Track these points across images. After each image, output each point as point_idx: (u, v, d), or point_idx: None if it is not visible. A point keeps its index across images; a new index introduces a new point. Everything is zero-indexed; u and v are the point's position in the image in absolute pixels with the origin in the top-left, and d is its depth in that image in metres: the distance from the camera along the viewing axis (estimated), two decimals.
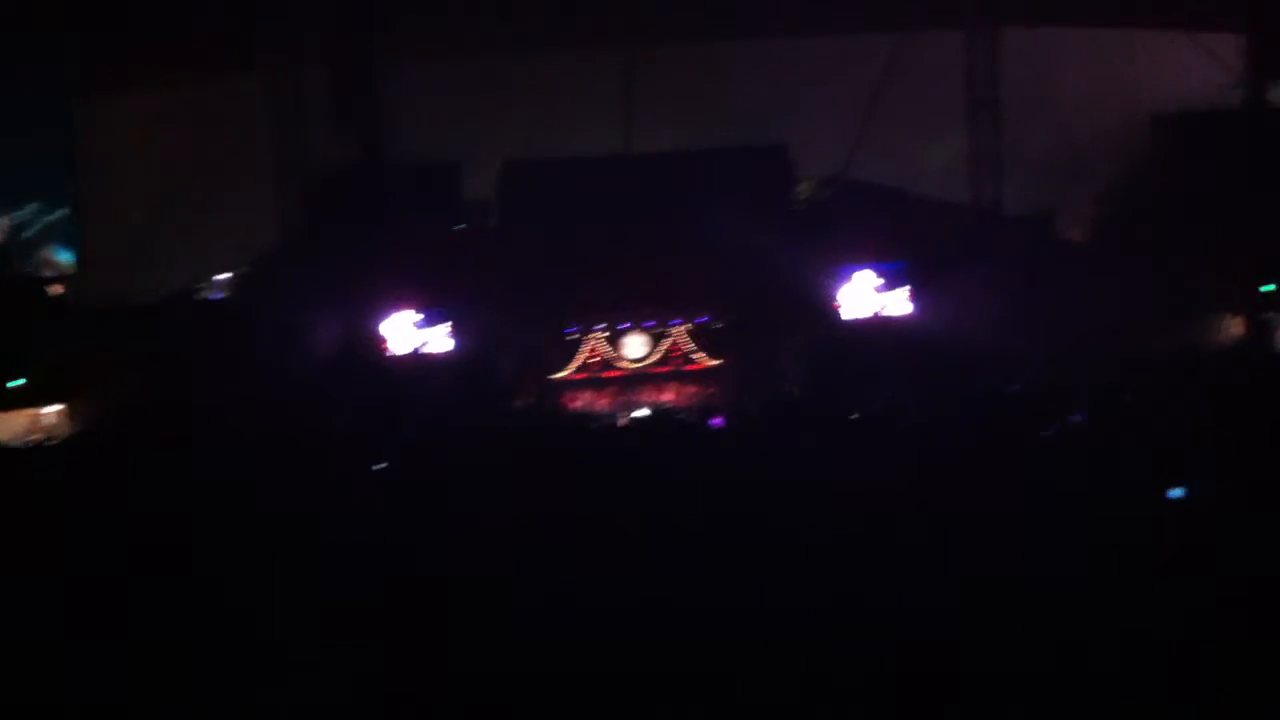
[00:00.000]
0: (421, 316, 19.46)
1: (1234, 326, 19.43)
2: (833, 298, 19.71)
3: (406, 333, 19.41)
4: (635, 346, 20.11)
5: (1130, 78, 20.40)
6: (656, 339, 20.12)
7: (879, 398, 14.01)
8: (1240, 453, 8.33)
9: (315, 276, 18.98)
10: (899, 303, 19.75)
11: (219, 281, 21.14)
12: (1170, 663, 6.03)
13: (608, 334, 20.05)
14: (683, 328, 20.07)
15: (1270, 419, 9.23)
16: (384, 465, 12.05)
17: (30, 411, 18.43)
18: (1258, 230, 18.64)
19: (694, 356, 20.09)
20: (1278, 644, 5.83)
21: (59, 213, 20.15)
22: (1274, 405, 9.95)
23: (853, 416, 11.94)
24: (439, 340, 19.39)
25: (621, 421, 16.65)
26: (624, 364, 20.09)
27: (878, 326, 19.64)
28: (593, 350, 20.02)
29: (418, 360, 19.19)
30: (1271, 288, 19.22)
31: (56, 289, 20.16)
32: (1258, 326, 19.22)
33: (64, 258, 20.26)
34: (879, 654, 6.51)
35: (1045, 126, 20.53)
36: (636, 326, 20.12)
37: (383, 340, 19.33)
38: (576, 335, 19.98)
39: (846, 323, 19.66)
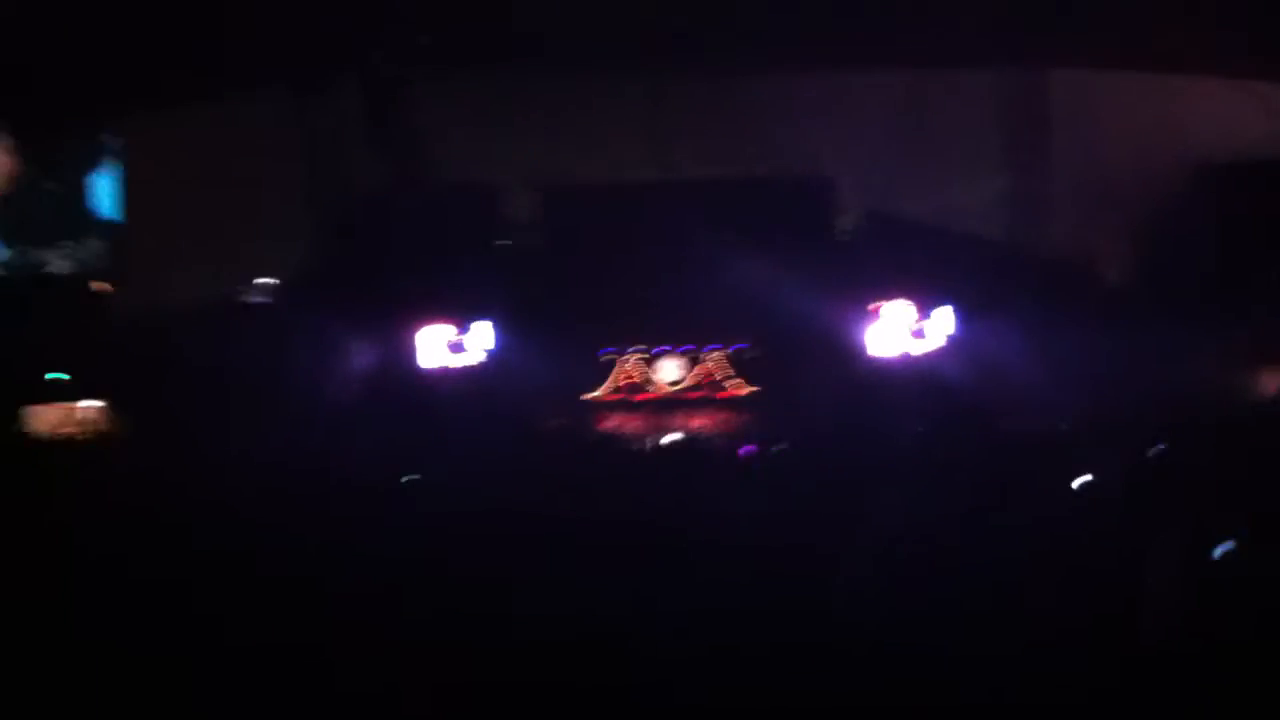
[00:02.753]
0: (457, 331, 19.55)
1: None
2: (866, 332, 19.63)
3: (440, 346, 19.50)
4: (669, 370, 20.08)
5: (1176, 124, 20.25)
6: (691, 363, 20.11)
7: (908, 434, 13.93)
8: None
9: (351, 285, 19.14)
10: (933, 340, 19.64)
11: (258, 286, 21.31)
12: None
13: (642, 356, 20.07)
14: (718, 353, 20.05)
15: None
16: (414, 476, 12.13)
17: (67, 405, 18.57)
18: None
19: (727, 383, 20.06)
20: None
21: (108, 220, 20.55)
22: None
23: (880, 452, 11.91)
24: (473, 355, 19.48)
25: (652, 445, 16.62)
26: (657, 387, 20.08)
27: (910, 363, 19.53)
28: (626, 372, 20.04)
29: (449, 374, 19.28)
30: None
31: (103, 287, 20.37)
32: None
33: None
34: (886, 689, 6.52)
35: (1087, 170, 20.43)
36: (672, 350, 20.13)
37: (416, 352, 19.43)
38: (611, 356, 20.02)
39: (879, 358, 19.55)
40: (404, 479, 12.00)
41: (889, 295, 19.61)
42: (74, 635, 7.11)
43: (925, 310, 19.57)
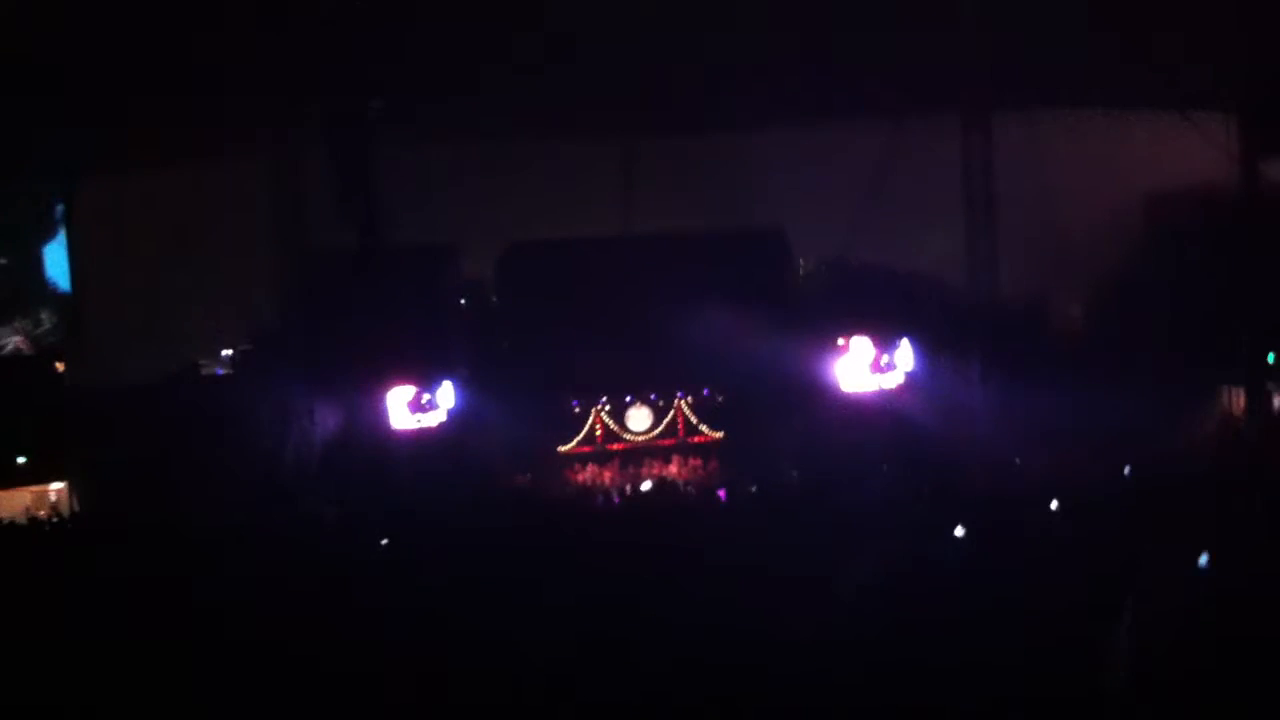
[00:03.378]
0: (422, 392, 19.48)
1: (1235, 405, 19.53)
2: (829, 376, 19.85)
3: (408, 408, 19.42)
4: (639, 419, 20.29)
5: (1122, 159, 20.65)
6: (660, 412, 20.30)
7: (871, 477, 14.09)
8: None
9: (315, 353, 19.09)
10: (893, 382, 19.90)
11: (221, 358, 21.23)
12: None
13: (611, 407, 20.21)
14: (686, 401, 20.26)
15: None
16: (387, 541, 12.12)
17: (34, 488, 18.42)
18: (1258, 304, 18.76)
19: (698, 428, 20.28)
20: None
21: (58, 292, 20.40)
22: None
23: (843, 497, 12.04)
24: (441, 415, 19.43)
25: (627, 493, 16.69)
26: (628, 436, 20.24)
27: (871, 406, 19.74)
28: (597, 422, 20.17)
29: (420, 435, 19.21)
30: (1272, 358, 19.27)
31: (58, 366, 20.20)
32: (1261, 397, 19.29)
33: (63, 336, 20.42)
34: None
35: (1040, 210, 20.73)
36: (640, 399, 20.30)
37: (385, 415, 19.34)
38: (580, 408, 20.14)
39: (842, 400, 19.76)
40: (382, 542, 12.02)
41: (850, 334, 19.89)
42: None
43: (885, 346, 19.88)
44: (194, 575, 9.69)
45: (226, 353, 21.34)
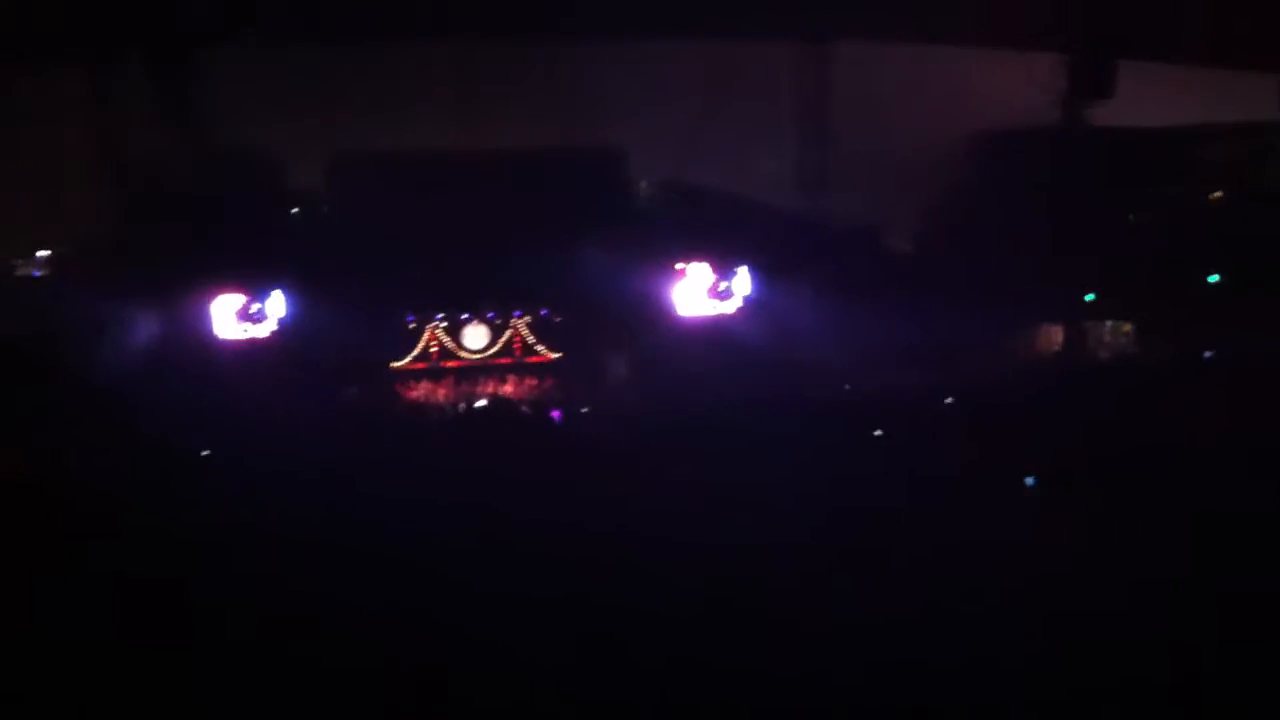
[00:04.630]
0: (251, 300, 19.03)
1: (1055, 336, 20.47)
2: (667, 297, 20.02)
3: (235, 318, 18.97)
4: (476, 337, 20.14)
5: (954, 95, 21.17)
6: (497, 330, 20.20)
7: (710, 398, 14.29)
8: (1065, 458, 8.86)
9: (137, 258, 18.46)
10: (730, 304, 20.18)
11: (38, 259, 20.36)
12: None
13: (447, 324, 20.04)
14: (523, 320, 20.20)
15: (1090, 425, 9.82)
16: (209, 453, 11.87)
17: None
18: (1078, 240, 19.59)
19: (535, 349, 20.25)
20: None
21: None
22: (1093, 411, 10.55)
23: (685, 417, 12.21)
24: (270, 326, 19.02)
25: (461, 411, 16.62)
26: (464, 354, 20.11)
27: (709, 328, 20.01)
28: (432, 339, 19.98)
29: (248, 345, 18.78)
30: (1092, 297, 20.17)
31: None
32: (1078, 334, 20.24)
33: None
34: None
35: (872, 139, 21.15)
36: (477, 317, 20.17)
37: (210, 324, 18.84)
38: (415, 324, 19.92)
39: (680, 322, 19.97)
40: (202, 453, 11.76)
41: (689, 259, 20.05)
42: None
43: (724, 273, 20.11)
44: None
45: (43, 254, 20.52)
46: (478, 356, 20.12)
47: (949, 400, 12.61)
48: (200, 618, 7.17)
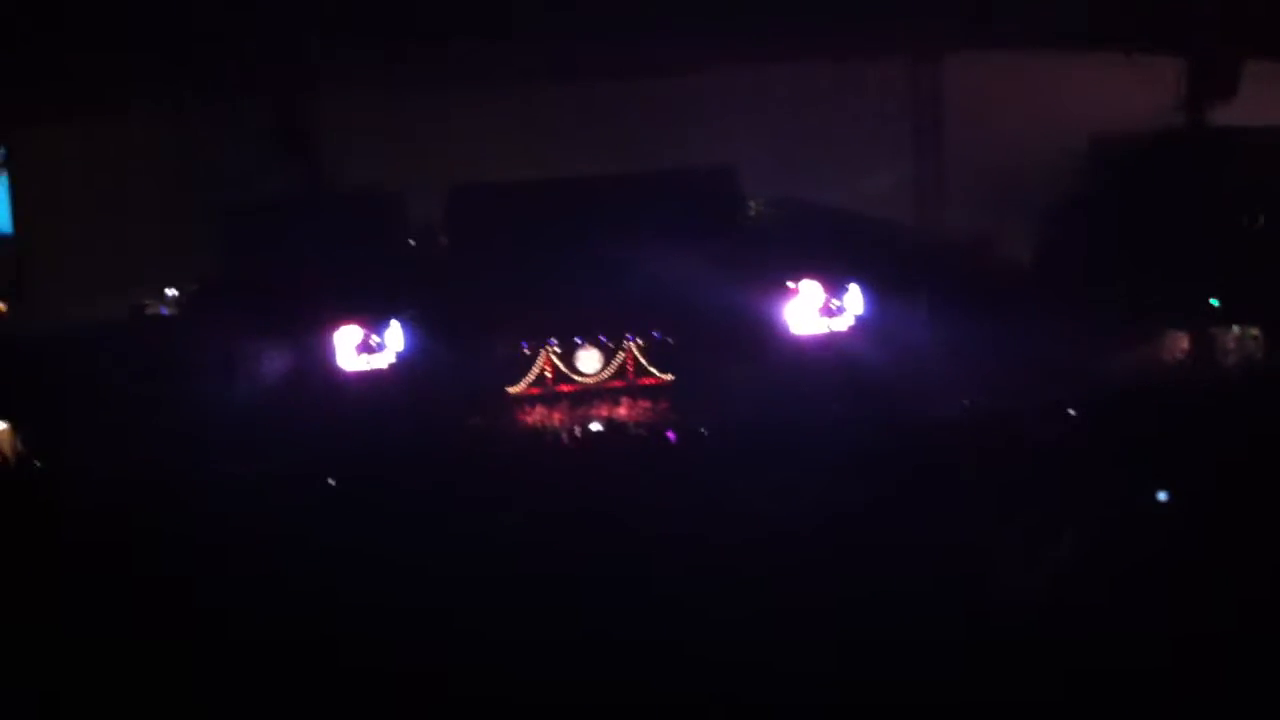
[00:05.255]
0: (371, 333, 19.43)
1: (1180, 344, 19.88)
2: (780, 316, 19.94)
3: (357, 349, 19.37)
4: (589, 361, 20.34)
5: (1069, 100, 20.78)
6: (610, 354, 20.34)
7: (825, 416, 14.17)
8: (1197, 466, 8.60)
9: (261, 295, 18.95)
10: (844, 322, 20.01)
11: (167, 298, 21.04)
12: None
13: (561, 348, 20.25)
14: (636, 343, 20.31)
15: (1224, 432, 9.51)
16: (335, 483, 12.08)
17: None
18: (1200, 246, 19.03)
19: (649, 371, 20.34)
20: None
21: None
22: (1226, 419, 10.23)
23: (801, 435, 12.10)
24: (390, 355, 19.40)
25: (577, 435, 16.76)
26: (578, 378, 20.28)
27: (823, 345, 19.87)
28: (546, 364, 20.21)
29: (369, 376, 19.16)
30: (1217, 303, 19.59)
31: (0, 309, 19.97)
32: (1205, 341, 19.64)
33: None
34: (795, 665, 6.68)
35: (986, 150, 20.87)
36: (590, 341, 20.33)
37: (332, 356, 19.27)
38: (529, 350, 20.17)
39: (793, 340, 19.86)
40: (331, 482, 11.97)
41: (799, 276, 19.97)
42: None
43: (835, 290, 19.98)
44: (144, 524, 9.60)
45: (171, 293, 21.17)
46: (592, 380, 20.29)
47: (1071, 412, 12.34)
48: (307, 646, 7.29)
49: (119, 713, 6.73)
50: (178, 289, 21.06)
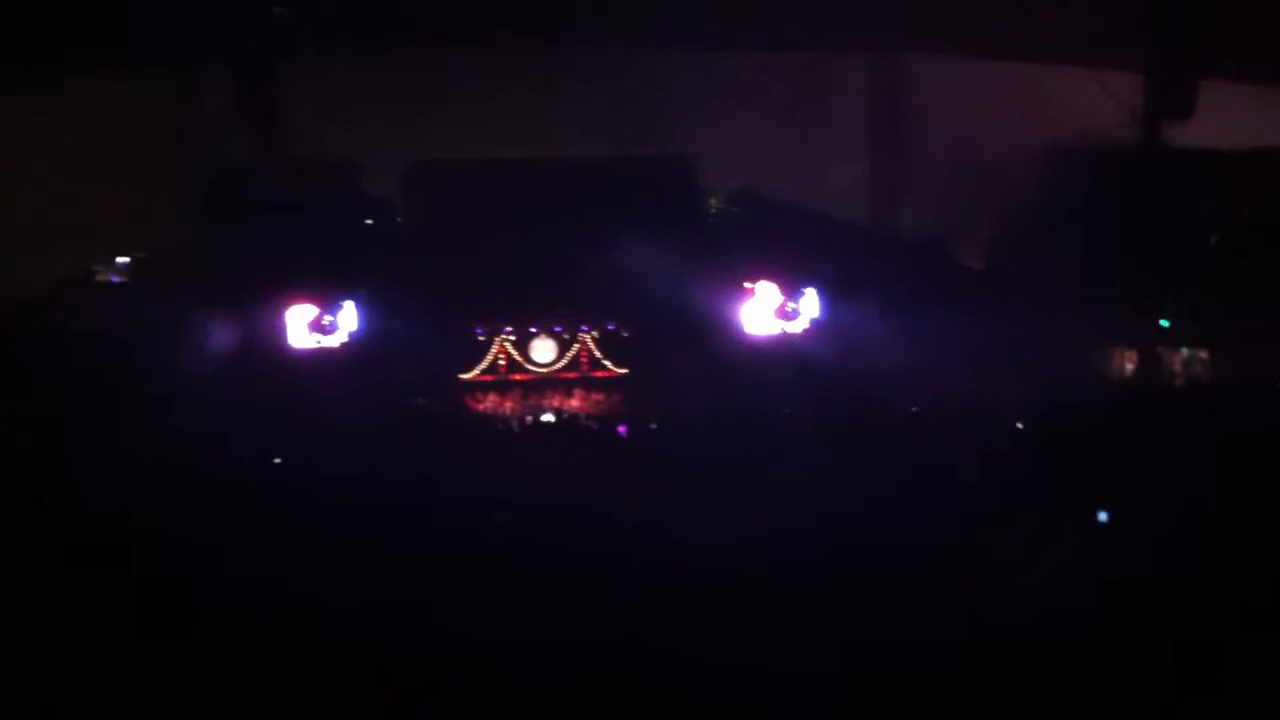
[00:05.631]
0: (323, 311, 19.23)
1: (1128, 359, 20.05)
2: (736, 312, 19.92)
3: (307, 327, 19.18)
4: (543, 351, 20.24)
5: (1031, 109, 20.87)
6: (565, 344, 20.25)
7: (777, 413, 14.18)
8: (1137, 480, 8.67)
9: (213, 267, 18.72)
10: (800, 320, 20.01)
11: (118, 265, 20.74)
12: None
13: (516, 337, 20.12)
14: (591, 334, 20.21)
15: (1164, 449, 9.61)
16: (279, 460, 11.97)
17: None
18: (1152, 263, 19.20)
19: (602, 363, 20.25)
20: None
21: None
22: (1167, 436, 10.33)
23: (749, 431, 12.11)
24: (341, 336, 19.21)
25: (528, 424, 16.69)
26: (532, 368, 20.18)
27: (778, 343, 19.87)
28: (500, 352, 20.08)
29: (319, 355, 18.98)
30: (1167, 324, 19.76)
31: None
32: (1152, 360, 19.82)
33: None
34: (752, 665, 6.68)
35: (947, 152, 20.94)
36: (545, 331, 20.22)
37: (283, 333, 19.06)
38: (484, 337, 20.02)
39: (748, 338, 19.85)
40: (274, 460, 11.86)
41: (757, 276, 19.95)
42: None
43: (792, 292, 19.98)
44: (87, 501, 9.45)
45: (123, 260, 20.87)
46: (545, 370, 20.19)
47: (1019, 425, 12.40)
48: (235, 622, 7.21)
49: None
50: (129, 257, 20.77)
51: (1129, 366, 20.01)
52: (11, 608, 7.21)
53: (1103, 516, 8.38)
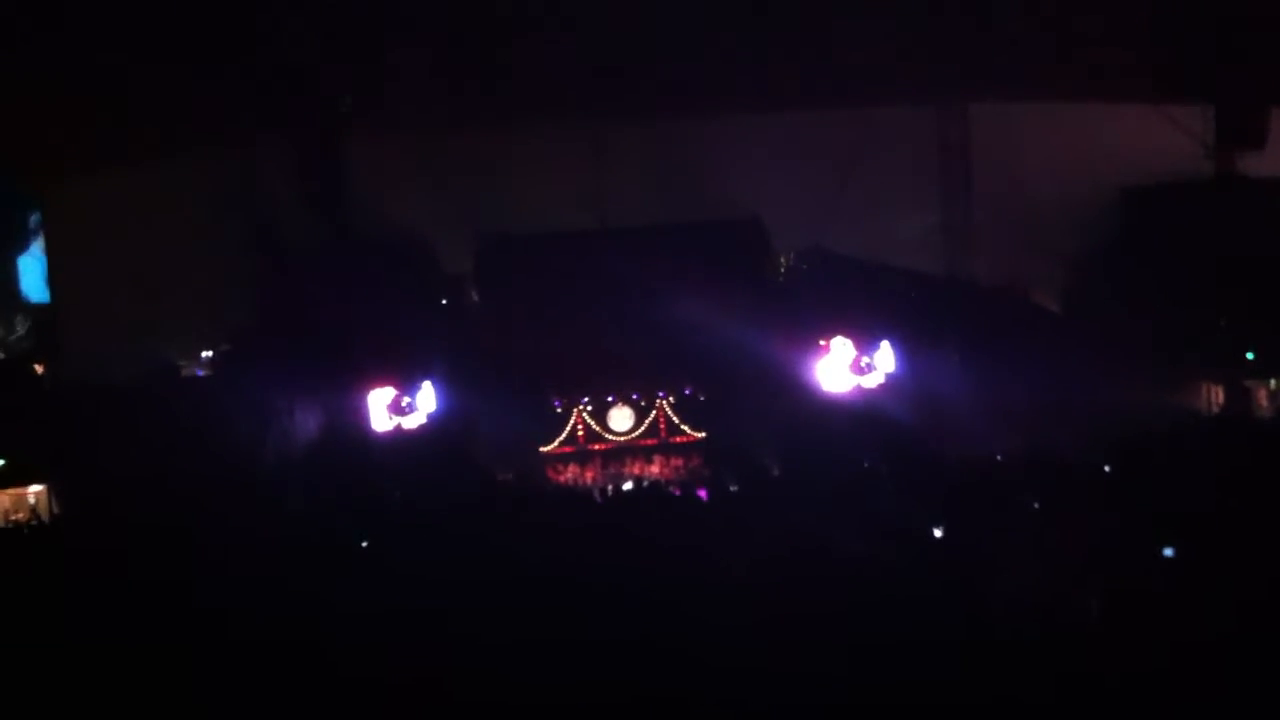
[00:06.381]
0: (401, 393, 19.44)
1: (1213, 394, 19.64)
2: (812, 370, 19.85)
3: (388, 409, 19.38)
4: (621, 419, 20.26)
5: (1098, 149, 20.71)
6: (642, 412, 20.27)
7: (855, 469, 14.08)
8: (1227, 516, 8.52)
9: (293, 354, 19.00)
10: (876, 375, 19.90)
11: (201, 359, 21.13)
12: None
13: (593, 407, 20.18)
14: (667, 400, 20.23)
15: (1256, 484, 9.42)
16: (367, 543, 12.08)
17: (13, 491, 18.33)
18: (1234, 298, 18.85)
19: (680, 429, 20.28)
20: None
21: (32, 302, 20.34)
22: (1260, 471, 10.12)
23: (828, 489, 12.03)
24: (421, 416, 19.39)
25: (610, 492, 16.68)
26: (610, 436, 20.22)
27: (854, 399, 19.76)
28: (579, 422, 20.15)
29: (400, 436, 19.15)
30: (1252, 355, 19.38)
31: (37, 368, 20.11)
32: (1239, 393, 19.41)
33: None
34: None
35: (1015, 199, 20.81)
36: (622, 399, 20.27)
37: (365, 417, 19.28)
38: (562, 408, 20.10)
39: (823, 395, 19.75)
40: (362, 544, 11.97)
41: (830, 333, 19.88)
42: None
43: (866, 347, 19.88)
44: (177, 578, 9.62)
45: (206, 354, 21.25)
46: (624, 438, 20.21)
47: (1106, 469, 12.21)
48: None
49: None
50: (211, 350, 21.14)
51: (1215, 400, 19.60)
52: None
53: (1168, 552, 8.23)
